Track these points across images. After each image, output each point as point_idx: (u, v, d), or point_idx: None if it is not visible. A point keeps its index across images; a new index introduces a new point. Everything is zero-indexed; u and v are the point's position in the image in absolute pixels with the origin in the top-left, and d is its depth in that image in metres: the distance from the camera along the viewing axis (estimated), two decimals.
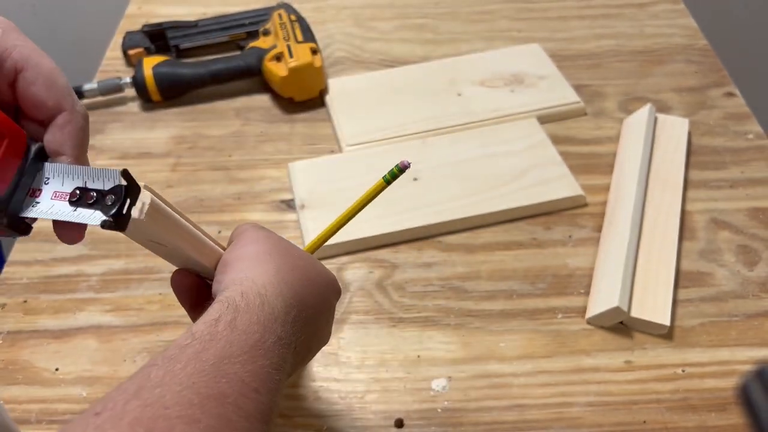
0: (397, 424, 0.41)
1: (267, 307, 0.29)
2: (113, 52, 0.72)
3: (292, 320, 0.30)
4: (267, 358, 0.27)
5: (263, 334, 0.28)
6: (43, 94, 0.28)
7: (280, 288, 0.30)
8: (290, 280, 0.31)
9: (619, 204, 0.52)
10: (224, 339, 0.27)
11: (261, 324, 0.28)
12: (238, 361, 0.26)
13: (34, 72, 0.28)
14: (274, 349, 0.28)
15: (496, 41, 0.71)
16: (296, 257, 0.34)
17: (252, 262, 0.32)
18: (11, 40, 0.28)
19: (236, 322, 0.28)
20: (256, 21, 0.71)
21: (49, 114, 0.28)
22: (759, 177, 0.56)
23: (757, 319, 0.46)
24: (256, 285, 0.30)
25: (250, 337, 0.27)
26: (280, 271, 0.31)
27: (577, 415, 0.41)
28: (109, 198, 0.27)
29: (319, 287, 0.34)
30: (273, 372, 0.27)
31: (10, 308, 0.49)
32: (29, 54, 0.28)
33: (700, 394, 0.42)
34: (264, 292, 0.30)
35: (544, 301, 0.47)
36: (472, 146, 0.58)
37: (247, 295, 0.29)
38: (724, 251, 0.50)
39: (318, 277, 0.34)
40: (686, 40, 0.70)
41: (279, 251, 0.33)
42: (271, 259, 0.32)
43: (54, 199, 0.28)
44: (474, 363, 0.44)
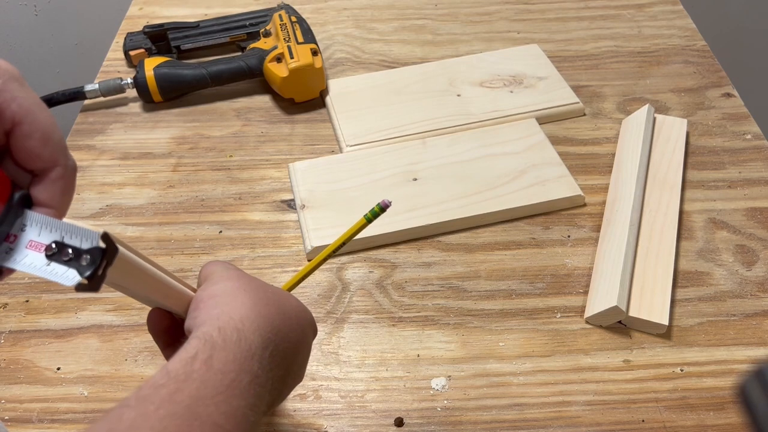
0: (396, 422, 0.41)
1: (244, 343, 0.29)
2: (114, 53, 0.72)
3: (270, 355, 0.30)
4: (242, 398, 0.27)
5: (239, 373, 0.27)
6: (38, 149, 0.28)
7: (258, 322, 0.30)
8: (267, 313, 0.31)
9: (618, 204, 0.52)
10: (199, 379, 0.26)
11: (237, 362, 0.28)
12: (212, 402, 0.26)
13: (31, 126, 0.27)
14: (250, 388, 0.28)
15: (496, 42, 0.72)
16: (270, 292, 0.33)
17: (227, 297, 0.31)
18: (12, 92, 0.27)
19: (213, 360, 0.27)
20: (256, 22, 0.71)
21: (41, 167, 0.28)
22: (757, 177, 0.56)
23: (755, 318, 0.46)
24: (233, 320, 0.29)
25: (226, 376, 0.27)
26: (256, 305, 0.31)
27: (576, 414, 0.41)
28: (85, 258, 0.26)
29: (297, 322, 0.34)
30: (248, 413, 0.27)
31: (11, 308, 0.49)
32: (28, 107, 0.27)
33: (699, 393, 0.42)
34: (241, 327, 0.29)
35: (543, 300, 0.48)
36: (472, 147, 0.58)
37: (224, 330, 0.29)
38: (722, 251, 0.50)
39: (295, 313, 0.34)
40: (685, 41, 0.70)
41: (253, 287, 0.32)
42: (246, 293, 0.31)
43: (29, 249, 0.27)
44: (473, 362, 0.44)
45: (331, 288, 0.49)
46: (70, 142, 0.63)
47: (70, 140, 0.63)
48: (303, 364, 0.36)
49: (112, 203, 0.57)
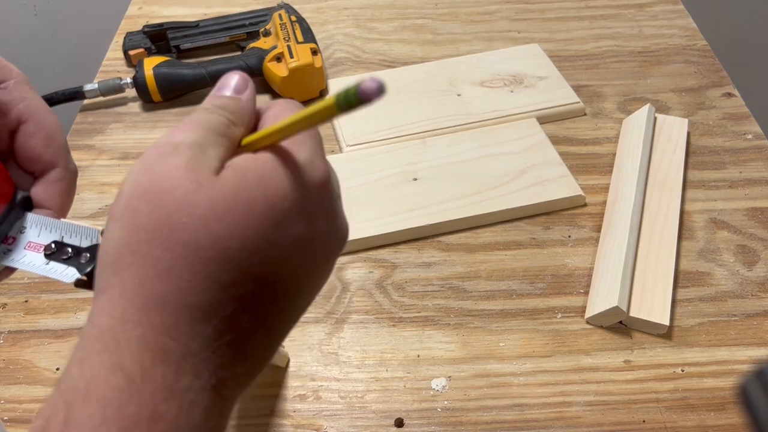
0: (397, 423, 0.41)
1: (121, 377, 0.18)
2: (114, 52, 0.72)
3: (193, 362, 0.19)
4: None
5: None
6: (41, 148, 0.28)
7: (144, 322, 0.19)
8: (166, 290, 0.19)
9: (619, 204, 0.52)
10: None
11: (114, 423, 0.17)
12: None
13: (36, 126, 0.28)
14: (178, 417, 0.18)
15: (496, 42, 0.71)
16: (181, 225, 0.20)
17: (101, 278, 0.21)
18: (21, 92, 0.28)
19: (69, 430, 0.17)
20: (256, 22, 0.71)
21: (43, 168, 0.29)
22: (758, 177, 0.56)
23: (756, 318, 0.46)
24: (101, 332, 0.19)
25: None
26: (139, 289, 0.20)
27: (577, 414, 0.41)
28: (84, 256, 0.26)
29: (258, 231, 0.20)
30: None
31: (11, 308, 0.49)
32: (36, 108, 0.28)
33: (699, 393, 0.42)
34: (113, 347, 0.19)
35: (544, 300, 0.48)
36: (472, 146, 0.58)
37: (88, 362, 0.19)
38: (723, 251, 0.50)
39: (249, 219, 0.20)
40: (685, 40, 0.70)
41: (154, 230, 0.20)
42: (130, 267, 0.20)
43: (27, 249, 0.27)
44: (473, 362, 0.44)
45: (330, 288, 0.49)
46: (70, 141, 0.62)
47: (70, 140, 0.63)
48: (301, 294, 0.23)
49: (111, 203, 0.56)
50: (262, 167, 0.21)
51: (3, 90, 0.28)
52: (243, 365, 0.21)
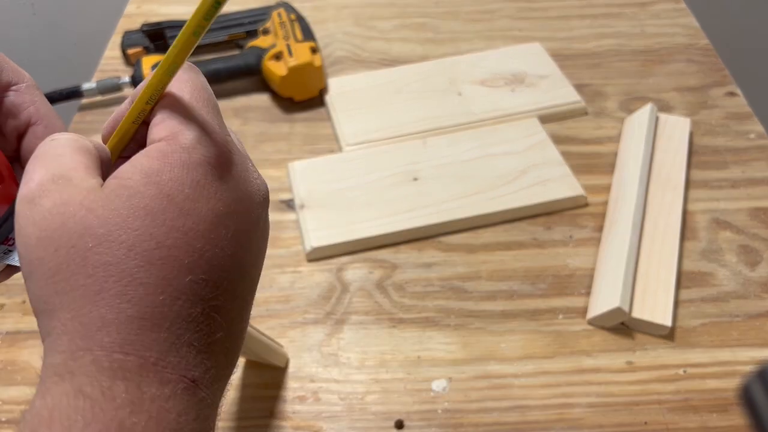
0: (397, 425, 0.41)
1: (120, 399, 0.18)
2: (112, 51, 0.72)
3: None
4: None
5: None
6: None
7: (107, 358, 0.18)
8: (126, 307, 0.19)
9: (620, 204, 0.52)
10: None
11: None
12: None
13: (45, 129, 0.28)
14: None
15: (497, 41, 0.71)
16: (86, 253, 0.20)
17: (43, 316, 0.20)
18: (33, 95, 0.28)
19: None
20: (255, 20, 0.70)
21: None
22: (760, 177, 0.56)
23: (759, 319, 0.46)
24: (62, 380, 0.18)
25: None
26: (91, 316, 0.19)
27: (579, 415, 0.41)
28: None
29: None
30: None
31: (9, 309, 0.49)
32: (46, 112, 0.28)
33: (702, 394, 0.42)
34: (80, 403, 0.18)
35: (545, 301, 0.47)
36: (473, 146, 0.58)
37: (56, 414, 0.18)
38: (726, 251, 0.50)
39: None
40: (688, 39, 0.70)
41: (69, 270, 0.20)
42: (65, 297, 0.19)
43: None
44: (474, 364, 0.44)
45: (330, 289, 0.49)
46: None
47: None
48: (253, 270, 0.23)
49: None
50: (148, 164, 0.21)
51: (15, 92, 0.28)
52: (211, 360, 0.20)
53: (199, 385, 0.20)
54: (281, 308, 0.48)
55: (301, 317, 0.47)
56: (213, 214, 0.21)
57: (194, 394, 0.19)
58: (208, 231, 0.20)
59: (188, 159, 0.21)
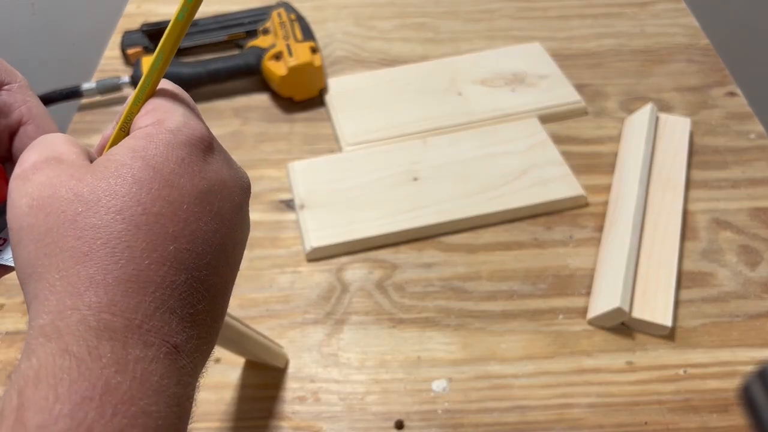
0: (397, 425, 0.41)
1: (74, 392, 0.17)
2: (112, 51, 0.72)
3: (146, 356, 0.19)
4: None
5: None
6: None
7: (97, 324, 0.19)
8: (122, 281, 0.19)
9: (621, 204, 0.52)
10: None
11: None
12: None
13: (36, 128, 0.28)
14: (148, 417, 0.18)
15: (497, 40, 0.71)
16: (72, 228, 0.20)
17: (30, 282, 0.20)
18: (25, 95, 0.28)
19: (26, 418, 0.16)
20: (255, 20, 0.70)
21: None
22: (760, 177, 0.55)
23: (759, 319, 0.46)
24: (49, 340, 0.18)
25: None
26: (79, 289, 0.19)
27: (579, 416, 0.41)
28: None
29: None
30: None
31: (8, 309, 0.48)
32: (38, 112, 0.28)
33: (702, 395, 0.42)
34: (66, 362, 0.18)
35: (545, 301, 0.47)
36: (473, 146, 0.58)
37: (40, 375, 0.17)
38: (726, 251, 0.50)
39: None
40: (688, 39, 0.70)
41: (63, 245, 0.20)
42: (54, 259, 0.20)
43: None
44: (474, 364, 0.44)
45: (330, 289, 0.49)
46: None
47: None
48: (234, 253, 0.23)
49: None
50: (134, 143, 0.22)
51: (7, 92, 0.28)
52: (193, 330, 0.21)
53: (180, 352, 0.20)
54: (281, 308, 0.48)
55: (300, 317, 0.47)
56: (197, 190, 0.22)
57: (175, 361, 0.20)
58: (193, 204, 0.21)
59: (173, 139, 0.22)
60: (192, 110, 0.24)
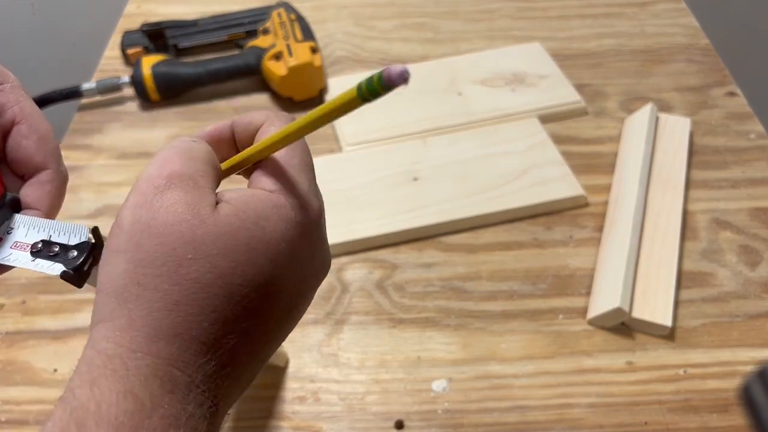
0: (397, 425, 0.41)
1: (131, 401, 0.19)
2: (112, 51, 0.72)
3: (197, 385, 0.20)
4: None
5: None
6: (32, 149, 0.28)
7: (160, 349, 0.20)
8: (180, 319, 0.20)
9: (621, 204, 0.52)
10: None
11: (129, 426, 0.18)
12: None
13: (29, 128, 0.28)
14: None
15: (497, 40, 0.71)
16: (191, 261, 0.21)
17: (109, 300, 0.21)
18: (17, 95, 0.29)
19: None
20: (255, 20, 0.70)
21: (33, 169, 0.29)
22: (761, 177, 0.56)
23: (759, 319, 0.46)
24: (110, 358, 0.19)
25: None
26: (154, 316, 0.20)
27: (579, 416, 0.41)
28: (71, 252, 0.26)
29: (253, 261, 0.22)
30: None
31: (8, 309, 0.48)
32: (30, 111, 0.29)
33: (702, 394, 0.42)
34: (123, 373, 0.19)
35: (545, 301, 0.47)
36: (473, 146, 0.58)
37: (98, 385, 0.19)
38: (726, 251, 0.50)
39: (244, 251, 0.21)
40: (688, 39, 0.70)
41: (162, 265, 0.21)
42: (141, 295, 0.20)
43: (13, 249, 0.27)
44: (474, 364, 0.44)
45: (330, 289, 0.49)
46: (67, 141, 0.62)
47: (67, 139, 0.62)
48: (284, 326, 0.24)
49: (109, 203, 0.56)
50: (261, 207, 0.22)
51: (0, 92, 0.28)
52: (237, 391, 0.22)
53: (219, 411, 0.21)
54: None
55: None
56: (293, 272, 0.23)
57: (214, 418, 0.21)
58: (284, 284, 0.22)
59: (293, 218, 0.23)
60: (312, 181, 0.24)
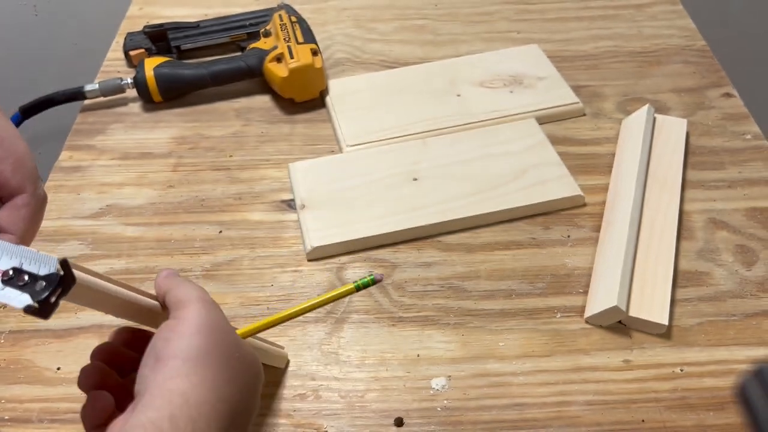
0: (396, 422, 0.41)
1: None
2: (114, 53, 0.72)
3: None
4: None
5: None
6: (9, 172, 0.28)
7: (216, 408, 0.27)
8: (228, 395, 0.28)
9: (618, 204, 0.52)
10: None
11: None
12: None
13: (6, 150, 0.28)
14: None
15: (496, 42, 0.72)
16: (238, 360, 0.30)
17: (189, 365, 0.27)
18: None
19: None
20: (257, 22, 0.71)
21: (10, 193, 0.29)
22: (757, 177, 0.56)
23: (755, 318, 0.46)
24: (189, 405, 0.26)
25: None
26: (217, 383, 0.27)
27: (576, 413, 0.41)
28: (40, 284, 0.26)
29: (250, 386, 0.31)
30: None
31: (11, 307, 0.49)
32: (6, 134, 0.28)
33: (699, 393, 0.42)
34: (197, 416, 0.26)
35: (543, 300, 0.48)
36: (472, 146, 0.58)
37: (176, 420, 0.25)
38: (722, 251, 0.50)
39: (253, 378, 0.31)
40: (684, 40, 0.70)
41: (221, 351, 0.29)
42: (210, 365, 0.27)
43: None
44: (473, 362, 0.44)
45: (330, 288, 0.49)
46: (70, 141, 0.63)
47: (70, 140, 0.63)
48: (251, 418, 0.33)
49: (111, 203, 0.57)
50: (255, 355, 0.33)
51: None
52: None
53: None
54: (282, 307, 0.48)
55: (301, 316, 0.47)
56: (255, 393, 0.32)
57: None
58: (250, 400, 0.31)
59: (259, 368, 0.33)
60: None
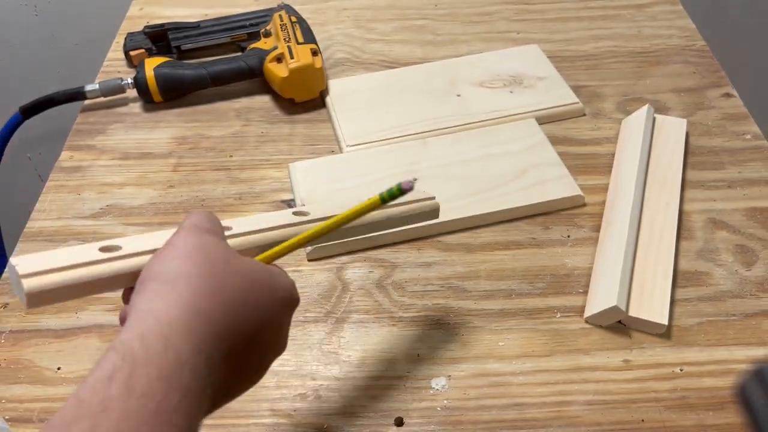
0: (396, 422, 0.41)
1: (171, 353, 0.25)
2: (115, 53, 0.72)
3: (206, 359, 0.26)
4: (172, 423, 0.23)
5: (167, 393, 0.24)
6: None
7: (191, 324, 0.26)
8: (208, 309, 0.27)
9: (618, 204, 0.52)
10: (118, 409, 0.22)
11: (164, 379, 0.24)
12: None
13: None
14: (182, 406, 0.24)
15: (496, 42, 0.72)
16: (227, 275, 0.29)
17: (164, 286, 0.27)
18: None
19: (134, 380, 0.23)
20: (257, 22, 0.71)
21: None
22: (756, 177, 0.56)
23: (755, 318, 0.46)
24: (160, 323, 0.26)
25: (151, 401, 0.23)
26: (195, 299, 0.27)
27: (576, 413, 0.42)
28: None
29: (258, 308, 0.30)
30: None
31: (12, 307, 0.49)
32: None
33: (698, 393, 0.42)
34: (168, 333, 0.25)
35: (543, 300, 0.48)
36: (472, 147, 0.58)
37: (146, 339, 0.25)
38: (722, 251, 0.51)
39: (257, 296, 0.30)
40: (684, 41, 0.71)
41: (204, 270, 0.28)
42: (188, 283, 0.27)
43: None
44: (473, 362, 0.44)
45: (331, 288, 0.49)
46: (71, 141, 0.63)
47: (71, 140, 0.63)
48: (268, 351, 0.31)
49: (112, 203, 0.57)
50: (271, 275, 0.32)
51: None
52: (219, 398, 0.28)
53: (199, 417, 0.26)
54: None
55: (302, 316, 0.47)
56: (278, 328, 0.32)
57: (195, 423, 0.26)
58: (271, 331, 0.31)
59: (291, 301, 0.33)
60: None
